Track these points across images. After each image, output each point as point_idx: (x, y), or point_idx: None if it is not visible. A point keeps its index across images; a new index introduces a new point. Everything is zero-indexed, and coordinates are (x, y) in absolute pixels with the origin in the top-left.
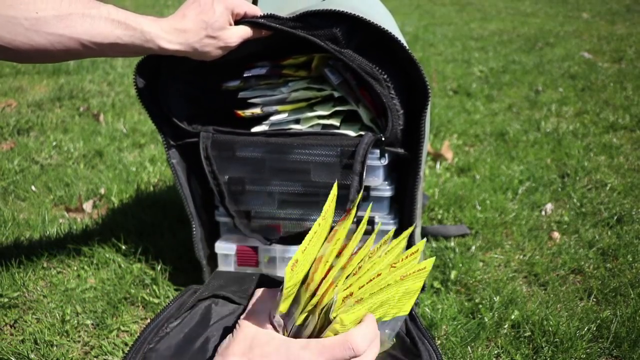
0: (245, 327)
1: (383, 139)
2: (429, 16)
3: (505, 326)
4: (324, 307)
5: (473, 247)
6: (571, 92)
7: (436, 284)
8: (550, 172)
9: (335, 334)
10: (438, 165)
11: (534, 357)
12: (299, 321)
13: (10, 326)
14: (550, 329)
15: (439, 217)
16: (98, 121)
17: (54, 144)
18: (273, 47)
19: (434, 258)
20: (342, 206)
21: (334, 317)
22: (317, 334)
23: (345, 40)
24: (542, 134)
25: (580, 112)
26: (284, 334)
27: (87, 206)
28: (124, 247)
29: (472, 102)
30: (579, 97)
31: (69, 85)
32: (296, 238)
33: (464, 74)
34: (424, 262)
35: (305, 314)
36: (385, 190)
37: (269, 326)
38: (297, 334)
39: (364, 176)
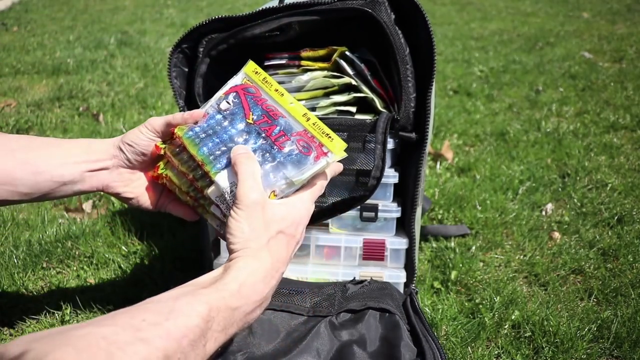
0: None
1: (397, 117)
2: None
3: (506, 326)
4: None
5: (473, 247)
6: (572, 92)
7: (436, 284)
8: (551, 172)
9: None
10: (438, 165)
11: (535, 358)
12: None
13: (10, 326)
14: (550, 329)
15: (439, 217)
16: (98, 121)
17: None
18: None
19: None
20: (360, 190)
21: None
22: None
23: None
24: (542, 134)
25: (580, 112)
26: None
27: (87, 206)
28: (124, 247)
29: (472, 102)
30: (579, 97)
31: (68, 85)
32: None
33: (464, 73)
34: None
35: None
36: (390, 177)
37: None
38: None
39: (387, 147)
